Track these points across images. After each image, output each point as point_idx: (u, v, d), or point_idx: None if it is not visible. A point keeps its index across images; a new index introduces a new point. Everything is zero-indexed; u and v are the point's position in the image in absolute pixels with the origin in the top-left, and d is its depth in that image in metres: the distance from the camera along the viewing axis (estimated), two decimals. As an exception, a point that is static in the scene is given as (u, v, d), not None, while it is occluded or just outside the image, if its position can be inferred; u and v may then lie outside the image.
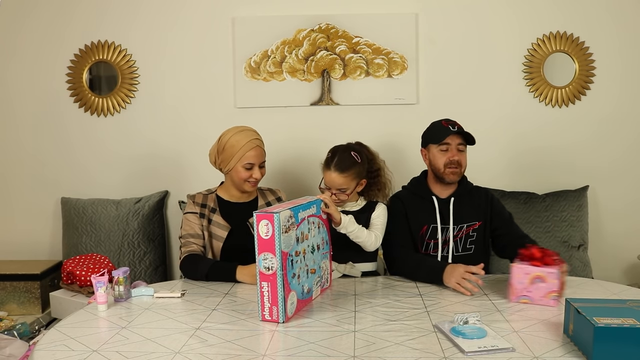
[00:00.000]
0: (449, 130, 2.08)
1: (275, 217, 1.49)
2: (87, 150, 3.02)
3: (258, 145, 2.09)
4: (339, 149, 2.09)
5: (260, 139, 2.14)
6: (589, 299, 1.48)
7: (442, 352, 1.35)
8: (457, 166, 2.09)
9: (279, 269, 1.51)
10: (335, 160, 2.05)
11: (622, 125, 2.92)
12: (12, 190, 3.04)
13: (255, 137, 2.11)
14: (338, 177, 2.03)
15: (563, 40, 2.88)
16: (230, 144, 2.07)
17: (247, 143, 2.06)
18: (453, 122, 2.12)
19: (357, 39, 2.88)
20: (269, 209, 1.54)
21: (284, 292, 1.53)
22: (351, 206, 2.12)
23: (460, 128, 2.10)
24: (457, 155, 2.09)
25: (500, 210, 2.18)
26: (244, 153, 2.05)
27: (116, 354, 1.37)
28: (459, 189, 2.16)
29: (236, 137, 2.07)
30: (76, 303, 2.44)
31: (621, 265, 2.98)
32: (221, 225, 2.08)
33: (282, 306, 1.53)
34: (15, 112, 3.01)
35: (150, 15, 2.93)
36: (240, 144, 2.06)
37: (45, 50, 2.96)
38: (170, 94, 2.98)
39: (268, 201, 2.20)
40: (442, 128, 2.11)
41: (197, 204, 2.11)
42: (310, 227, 1.71)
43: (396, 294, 1.83)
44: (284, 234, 1.52)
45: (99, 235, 2.87)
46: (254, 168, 2.07)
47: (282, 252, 1.50)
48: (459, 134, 2.09)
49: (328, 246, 1.88)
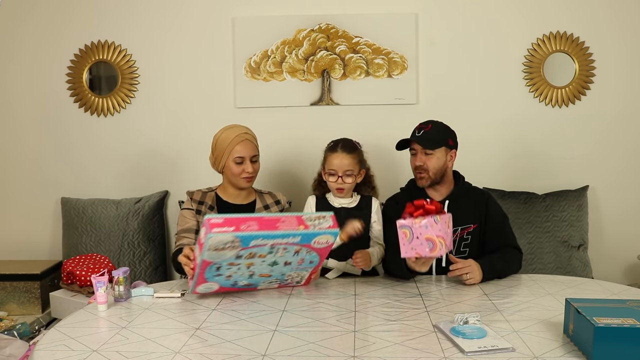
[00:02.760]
0: (412, 135, 2.06)
1: (207, 238, 1.55)
2: (87, 151, 3.01)
3: (246, 139, 2.09)
4: (339, 139, 2.14)
5: (250, 134, 2.13)
6: (589, 299, 1.48)
7: (442, 352, 1.35)
8: (423, 171, 2.05)
9: (197, 267, 1.66)
10: (342, 143, 2.09)
11: (622, 125, 2.92)
12: (12, 190, 3.04)
13: (244, 131, 2.11)
14: (346, 158, 2.05)
15: (563, 40, 2.88)
16: (220, 141, 2.10)
17: (235, 137, 2.07)
18: (424, 125, 2.06)
19: (357, 39, 2.88)
20: (212, 227, 1.56)
21: (195, 282, 1.72)
22: (348, 202, 2.13)
23: (429, 130, 2.03)
24: (421, 160, 2.04)
25: (493, 213, 2.10)
26: (233, 147, 2.06)
27: (116, 354, 1.37)
28: (454, 190, 2.11)
29: (225, 134, 2.10)
30: (76, 303, 2.45)
31: (621, 265, 2.97)
32: None
33: (192, 286, 1.74)
34: (15, 113, 3.01)
35: (150, 15, 2.93)
36: (228, 139, 2.07)
37: (45, 50, 2.96)
38: (171, 94, 2.98)
39: (266, 204, 2.19)
40: (412, 133, 2.08)
41: (195, 201, 2.12)
42: (276, 251, 1.68)
43: (396, 294, 1.83)
44: (212, 251, 1.60)
45: (99, 235, 2.87)
46: (245, 162, 2.07)
47: (203, 260, 1.62)
48: (420, 140, 2.02)
49: (314, 264, 1.82)
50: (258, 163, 2.13)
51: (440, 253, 1.73)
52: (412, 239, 1.74)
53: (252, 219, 1.62)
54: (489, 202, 2.12)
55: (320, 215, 1.70)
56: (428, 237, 1.71)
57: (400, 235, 1.77)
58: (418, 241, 1.72)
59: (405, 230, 1.75)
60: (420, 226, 1.72)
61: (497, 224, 2.09)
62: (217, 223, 1.57)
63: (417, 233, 1.72)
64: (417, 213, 1.74)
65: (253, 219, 1.62)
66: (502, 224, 2.10)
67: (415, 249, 1.74)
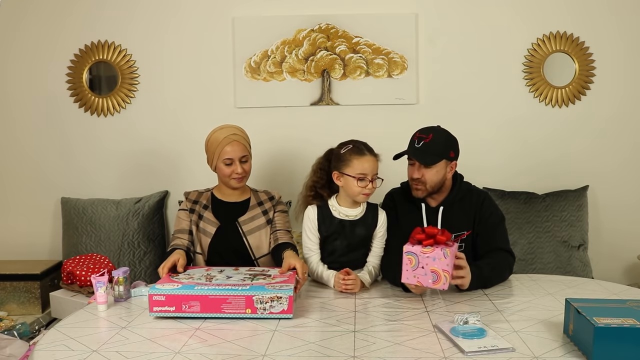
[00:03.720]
0: (409, 149, 1.94)
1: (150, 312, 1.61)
2: (87, 151, 3.01)
3: (235, 140, 2.06)
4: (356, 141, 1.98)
5: (240, 134, 2.09)
6: (589, 299, 1.48)
7: (442, 352, 1.35)
8: (420, 184, 1.93)
9: None
10: (365, 146, 1.94)
11: (622, 125, 2.92)
12: (12, 190, 3.04)
13: (233, 132, 2.08)
14: (374, 161, 1.92)
15: (563, 40, 2.88)
16: (210, 143, 2.09)
17: (223, 139, 2.05)
18: (423, 136, 1.92)
19: (357, 39, 2.88)
20: (153, 305, 1.59)
21: None
22: (354, 214, 1.97)
23: (429, 141, 1.90)
24: (419, 173, 1.92)
25: (487, 214, 1.98)
26: (222, 149, 2.05)
27: (116, 354, 1.37)
28: (449, 196, 1.99)
29: (215, 135, 2.10)
30: (76, 303, 2.45)
31: (621, 265, 2.97)
32: (211, 221, 2.08)
33: None
34: (15, 113, 3.01)
35: (150, 15, 2.93)
36: (217, 140, 2.07)
37: (45, 50, 2.96)
38: (170, 94, 2.98)
39: (260, 200, 2.15)
40: (410, 142, 1.95)
41: (190, 200, 2.13)
42: None
43: (396, 294, 1.83)
44: None
45: (99, 235, 2.87)
46: (234, 163, 2.05)
47: None
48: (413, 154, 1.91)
49: None
50: (249, 163, 2.10)
51: (443, 287, 1.66)
52: (416, 267, 1.68)
53: (195, 298, 1.58)
54: (484, 203, 2.00)
55: (275, 296, 1.57)
56: (433, 270, 1.65)
57: (405, 260, 1.69)
58: (422, 271, 1.66)
59: (411, 257, 1.68)
60: (427, 257, 1.66)
61: (489, 226, 1.97)
62: (158, 301, 1.58)
63: (423, 263, 1.66)
64: (426, 242, 1.67)
65: (197, 298, 1.58)
66: (495, 225, 1.99)
67: (417, 277, 1.68)
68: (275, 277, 1.73)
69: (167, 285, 1.64)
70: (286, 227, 2.10)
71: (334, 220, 1.97)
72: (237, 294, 1.58)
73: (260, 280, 1.69)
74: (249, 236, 2.07)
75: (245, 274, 1.78)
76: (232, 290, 1.59)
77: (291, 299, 1.57)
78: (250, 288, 1.61)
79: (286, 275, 1.76)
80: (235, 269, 1.85)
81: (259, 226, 2.09)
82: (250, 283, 1.66)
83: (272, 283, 1.66)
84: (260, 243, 2.08)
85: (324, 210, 1.99)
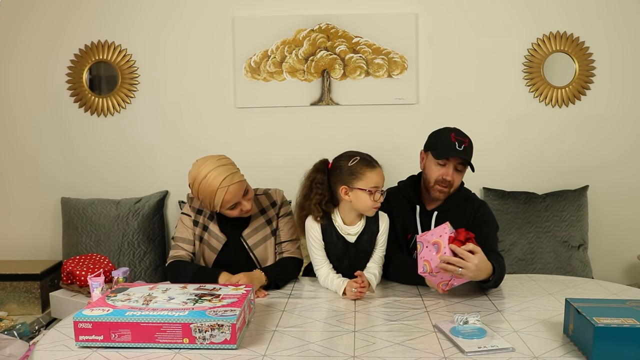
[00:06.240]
0: (453, 150, 1.87)
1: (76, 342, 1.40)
2: (87, 150, 3.02)
3: (231, 185, 1.85)
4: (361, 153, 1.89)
5: (232, 173, 1.87)
6: (589, 299, 1.48)
7: (442, 352, 1.35)
8: (447, 186, 1.90)
9: None
10: (373, 159, 1.86)
11: (622, 125, 2.92)
12: (12, 190, 3.05)
13: (224, 175, 1.85)
14: (382, 172, 1.85)
15: (563, 40, 2.88)
16: (201, 191, 1.87)
17: (218, 190, 1.84)
18: (462, 139, 1.89)
19: (357, 39, 2.88)
20: (78, 334, 1.38)
21: None
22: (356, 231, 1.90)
23: (468, 146, 1.89)
24: (452, 176, 1.89)
25: (481, 223, 1.94)
26: (220, 199, 1.85)
27: (116, 354, 1.36)
28: (446, 202, 1.96)
29: (206, 183, 1.85)
30: (76, 303, 2.45)
31: (621, 265, 2.98)
32: (217, 235, 1.98)
33: None
34: (15, 112, 3.01)
35: (150, 15, 2.93)
36: (212, 190, 1.85)
37: (45, 50, 2.96)
38: (171, 94, 2.98)
39: (262, 207, 2.06)
40: (449, 144, 1.88)
41: (194, 209, 2.02)
42: None
43: (396, 294, 1.83)
44: None
45: (99, 235, 2.87)
46: (238, 204, 1.90)
47: None
48: (463, 157, 1.87)
49: None
50: (250, 192, 1.94)
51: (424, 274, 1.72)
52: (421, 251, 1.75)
53: (126, 326, 1.38)
54: (478, 212, 1.97)
55: (216, 324, 1.36)
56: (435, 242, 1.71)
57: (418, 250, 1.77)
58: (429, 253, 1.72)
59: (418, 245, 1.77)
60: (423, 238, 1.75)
61: (482, 234, 1.85)
62: (84, 329, 1.38)
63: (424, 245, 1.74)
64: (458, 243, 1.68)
65: (127, 326, 1.38)
66: (489, 233, 1.93)
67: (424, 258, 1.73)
68: (224, 298, 1.49)
69: (96, 310, 1.42)
70: (291, 237, 2.03)
71: (339, 242, 1.90)
72: (173, 321, 1.35)
73: (205, 303, 1.45)
74: (255, 250, 2.00)
75: (191, 294, 1.54)
76: (168, 316, 1.37)
77: (234, 327, 1.35)
78: (189, 314, 1.38)
79: (237, 295, 1.52)
80: (184, 287, 1.60)
81: (264, 237, 2.01)
82: (191, 307, 1.42)
83: (215, 307, 1.42)
84: (265, 255, 2.01)
85: (329, 227, 1.90)
